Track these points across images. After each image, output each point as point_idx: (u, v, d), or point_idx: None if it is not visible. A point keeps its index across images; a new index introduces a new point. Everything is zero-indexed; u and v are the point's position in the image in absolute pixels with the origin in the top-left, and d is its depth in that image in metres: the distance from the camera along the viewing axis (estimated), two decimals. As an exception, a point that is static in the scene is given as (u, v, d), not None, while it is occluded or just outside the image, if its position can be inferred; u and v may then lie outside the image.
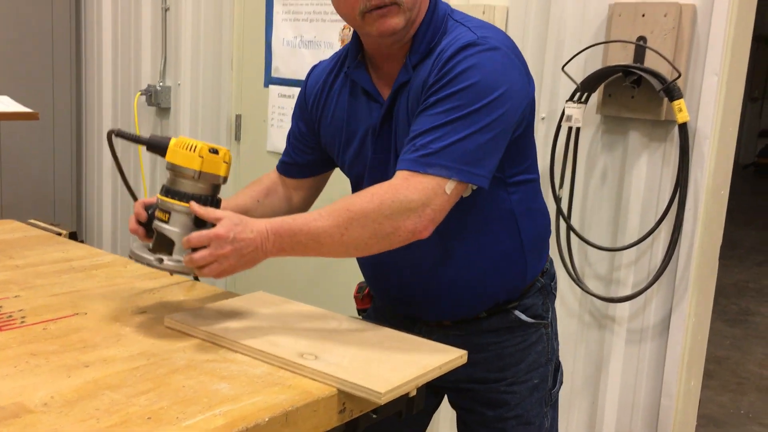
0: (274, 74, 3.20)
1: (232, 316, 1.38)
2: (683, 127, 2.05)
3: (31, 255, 1.81)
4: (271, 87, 3.21)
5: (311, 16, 3.01)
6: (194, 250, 1.22)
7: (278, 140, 3.20)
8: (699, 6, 2.06)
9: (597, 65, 2.21)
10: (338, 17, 2.94)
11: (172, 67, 3.65)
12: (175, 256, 1.27)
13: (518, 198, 1.43)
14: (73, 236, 2.08)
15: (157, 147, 1.34)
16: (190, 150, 1.29)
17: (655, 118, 2.13)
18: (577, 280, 2.33)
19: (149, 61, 3.77)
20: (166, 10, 3.61)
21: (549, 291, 1.56)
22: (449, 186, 1.24)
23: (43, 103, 3.98)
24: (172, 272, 1.37)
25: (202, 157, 1.28)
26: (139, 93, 3.72)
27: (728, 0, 1.99)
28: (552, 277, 1.59)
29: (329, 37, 2.96)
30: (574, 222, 2.35)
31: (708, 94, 2.06)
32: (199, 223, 1.27)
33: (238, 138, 3.40)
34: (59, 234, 2.06)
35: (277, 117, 3.19)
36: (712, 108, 2.06)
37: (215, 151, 1.30)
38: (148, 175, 3.85)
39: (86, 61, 4.20)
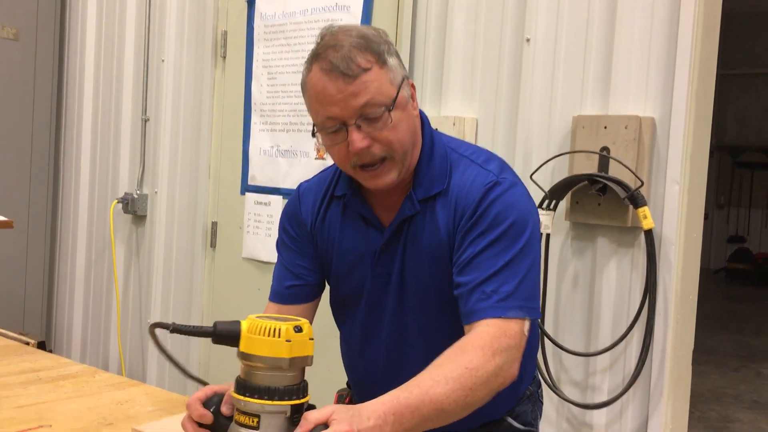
0: (250, 182, 3.25)
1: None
2: (649, 234, 2.11)
3: (-3, 365, 1.78)
4: (248, 194, 3.26)
5: (288, 127, 3.10)
6: None
7: (254, 247, 3.21)
8: (658, 119, 2.16)
9: (563, 174, 2.29)
10: (314, 128, 3.03)
11: (150, 176, 3.70)
12: None
13: None
14: (42, 346, 2.05)
15: (227, 337, 1.08)
16: (273, 335, 1.05)
17: (621, 224, 2.19)
18: (553, 387, 2.31)
19: (127, 170, 3.82)
20: (145, 121, 3.69)
21: (537, 399, 1.56)
22: (526, 325, 1.27)
23: (18, 211, 3.98)
24: None
25: (290, 341, 1.05)
26: (116, 201, 3.75)
27: (685, 113, 2.10)
28: (539, 384, 1.59)
29: (305, 146, 3.03)
30: (548, 327, 2.36)
31: (671, 202, 2.13)
32: (296, 420, 1.05)
33: (213, 245, 3.41)
34: (27, 344, 2.02)
35: (253, 224, 3.22)
36: (676, 215, 2.12)
37: (299, 329, 1.07)
38: (121, 275, 3.82)
39: (64, 169, 4.25)
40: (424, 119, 1.42)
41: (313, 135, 1.34)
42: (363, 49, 1.26)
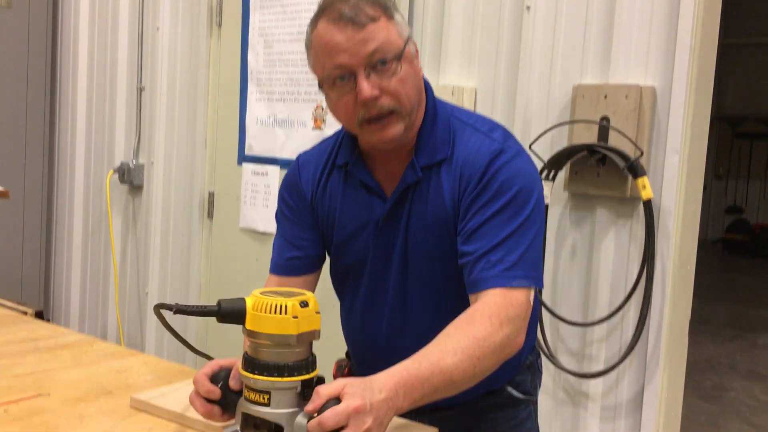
0: (247, 152, 3.23)
1: (200, 396, 1.35)
2: (648, 204, 2.10)
3: (-6, 334, 1.78)
4: (245, 165, 3.24)
5: (284, 96, 3.08)
6: None
7: (251, 218, 3.21)
8: (658, 88, 2.14)
9: (563, 144, 2.27)
10: (311, 97, 3.01)
11: (146, 145, 3.68)
12: None
13: None
14: (39, 315, 2.05)
15: (232, 316, 1.07)
16: (280, 312, 1.04)
17: (620, 195, 2.19)
18: (550, 356, 2.32)
19: (123, 139, 3.80)
20: (141, 90, 3.66)
21: (536, 368, 1.57)
22: (531, 294, 1.27)
23: (14, 181, 3.96)
24: None
25: (297, 317, 1.04)
26: (112, 171, 3.74)
27: (686, 82, 2.08)
28: (538, 354, 1.60)
29: (302, 116, 3.01)
30: (545, 297, 2.36)
31: (670, 172, 2.12)
32: (307, 395, 1.06)
33: (210, 215, 3.40)
34: (25, 313, 2.02)
35: (250, 194, 3.21)
36: (675, 185, 2.11)
37: (305, 304, 1.06)
38: (119, 245, 3.82)
39: (59, 139, 4.22)
40: (427, 86, 1.41)
41: (320, 87, 1.32)
42: (370, 2, 1.26)
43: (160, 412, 1.29)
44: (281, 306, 1.04)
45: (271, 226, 3.08)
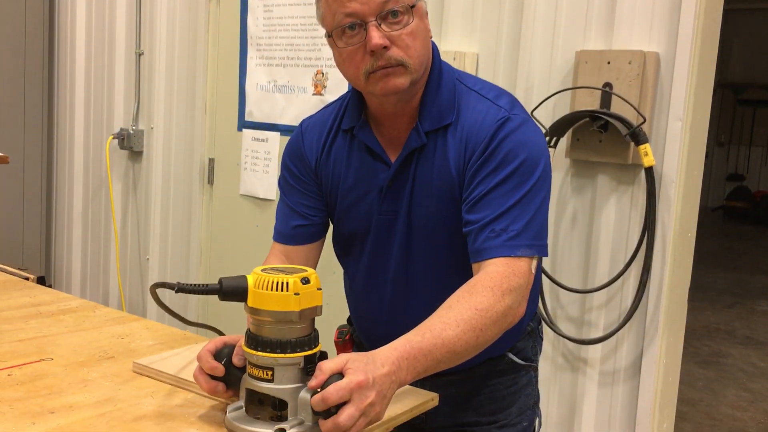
0: (247, 118, 3.22)
1: (202, 361, 1.36)
2: (649, 171, 2.10)
3: (-4, 300, 1.78)
4: (245, 131, 3.22)
5: (285, 62, 3.05)
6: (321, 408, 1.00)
7: (251, 184, 3.20)
8: (662, 54, 2.12)
9: (565, 110, 2.26)
10: (312, 63, 2.98)
11: (145, 111, 3.66)
12: (292, 420, 1.04)
13: None
14: (41, 281, 2.05)
15: (234, 294, 1.08)
16: (281, 289, 1.05)
17: (622, 162, 2.18)
18: (549, 323, 2.34)
19: (122, 105, 3.78)
20: (139, 55, 3.63)
21: (537, 335, 1.58)
22: (534, 264, 1.27)
23: (13, 146, 3.95)
24: None
25: (299, 295, 1.05)
26: (112, 136, 3.72)
27: (690, 48, 2.06)
28: (539, 321, 1.61)
29: (303, 82, 2.99)
30: (546, 264, 2.37)
31: (672, 139, 2.11)
32: (310, 370, 1.07)
33: (210, 182, 3.40)
34: (27, 278, 2.03)
35: (250, 161, 3.20)
36: (677, 152, 2.10)
37: (307, 280, 1.07)
38: (119, 211, 3.82)
39: (58, 104, 4.20)
40: (434, 48, 1.39)
41: (330, 35, 1.30)
42: None
43: (161, 376, 1.31)
44: (283, 283, 1.05)
45: (271, 193, 3.08)
